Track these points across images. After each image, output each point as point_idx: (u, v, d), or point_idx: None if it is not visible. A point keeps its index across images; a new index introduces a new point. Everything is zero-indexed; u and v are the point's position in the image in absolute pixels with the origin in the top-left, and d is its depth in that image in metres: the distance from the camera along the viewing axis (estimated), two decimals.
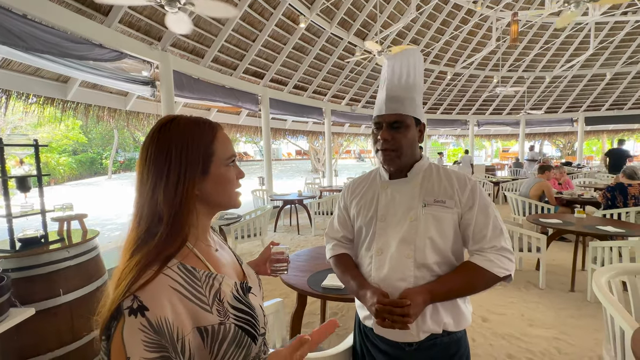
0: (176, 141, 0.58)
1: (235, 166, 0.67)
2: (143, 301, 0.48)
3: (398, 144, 0.90)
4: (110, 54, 3.72)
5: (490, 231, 0.89)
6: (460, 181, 0.93)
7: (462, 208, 0.91)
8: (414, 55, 0.93)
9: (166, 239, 0.55)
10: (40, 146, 1.86)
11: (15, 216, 1.77)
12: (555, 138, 18.18)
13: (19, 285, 1.68)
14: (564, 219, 3.41)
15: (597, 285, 1.56)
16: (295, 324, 1.85)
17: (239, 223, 3.87)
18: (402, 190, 0.95)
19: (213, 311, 0.56)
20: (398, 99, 0.89)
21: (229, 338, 0.57)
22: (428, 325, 0.89)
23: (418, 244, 0.89)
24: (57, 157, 16.93)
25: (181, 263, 0.56)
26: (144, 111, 5.41)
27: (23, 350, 1.72)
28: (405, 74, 0.91)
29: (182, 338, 0.51)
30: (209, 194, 0.62)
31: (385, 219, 0.94)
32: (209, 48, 5.28)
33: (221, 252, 0.70)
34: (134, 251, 0.54)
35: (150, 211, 0.56)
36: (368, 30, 7.70)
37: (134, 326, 0.47)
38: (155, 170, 0.56)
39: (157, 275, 0.51)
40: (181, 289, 0.53)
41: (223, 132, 0.66)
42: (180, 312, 0.51)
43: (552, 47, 10.22)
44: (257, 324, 0.62)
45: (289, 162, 30.39)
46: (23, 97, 3.93)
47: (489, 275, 0.87)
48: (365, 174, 1.09)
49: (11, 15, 2.78)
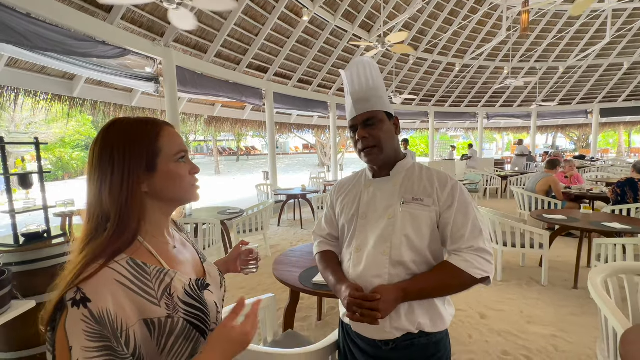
0: (118, 141, 0.60)
1: (188, 161, 0.68)
2: (86, 293, 0.50)
3: (377, 139, 0.92)
4: (114, 51, 3.77)
5: (468, 231, 0.88)
6: (440, 180, 0.93)
7: (440, 207, 0.90)
8: (365, 63, 0.97)
9: (113, 235, 0.57)
10: (40, 144, 1.91)
11: (18, 212, 1.83)
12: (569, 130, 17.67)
13: (22, 278, 1.75)
14: (569, 214, 3.33)
15: (593, 284, 1.53)
16: (288, 319, 1.88)
17: (240, 217, 3.91)
18: (384, 189, 0.97)
19: (161, 305, 0.58)
20: (364, 99, 0.93)
21: (176, 331, 0.59)
22: (402, 323, 0.89)
23: (394, 242, 0.90)
24: (70, 152, 17.36)
25: (131, 258, 0.58)
26: (149, 107, 5.48)
27: (28, 341, 1.80)
28: (364, 78, 0.94)
29: (126, 330, 0.53)
30: (160, 190, 0.63)
31: (366, 217, 0.96)
32: (211, 43, 5.29)
33: (180, 249, 0.72)
34: (84, 247, 0.57)
35: (97, 209, 0.59)
36: (373, 22, 7.57)
37: (76, 317, 0.49)
38: (100, 171, 0.59)
39: (102, 269, 0.53)
40: (127, 282, 0.55)
41: (170, 129, 0.66)
42: (124, 304, 0.53)
43: (566, 36, 9.85)
44: (207, 319, 0.64)
45: (296, 156, 30.44)
46: (32, 95, 4.04)
47: (465, 276, 0.86)
48: (353, 174, 1.11)
49: (15, 14, 2.83)
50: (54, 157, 16.14)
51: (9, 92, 3.78)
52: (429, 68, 9.95)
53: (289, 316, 1.88)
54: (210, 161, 21.90)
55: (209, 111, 6.85)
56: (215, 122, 7.24)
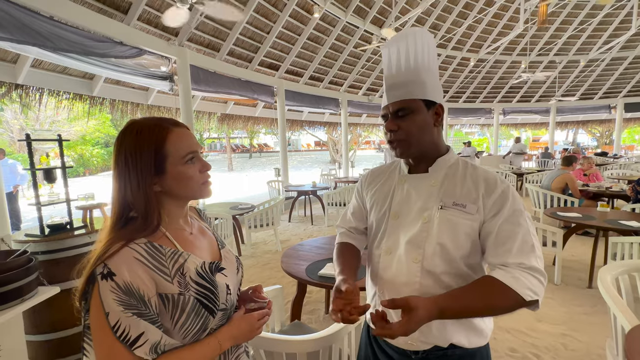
0: (129, 146, 0.67)
1: (199, 160, 0.73)
2: (111, 268, 0.59)
3: (406, 132, 0.80)
4: (131, 51, 3.90)
5: (517, 245, 0.73)
6: (488, 183, 0.79)
7: (485, 215, 0.77)
8: (413, 36, 0.81)
9: (139, 226, 0.66)
10: (63, 141, 2.02)
11: (44, 204, 1.95)
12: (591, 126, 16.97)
13: (47, 266, 1.87)
14: (585, 212, 3.24)
15: (602, 282, 1.52)
16: (295, 310, 1.93)
17: (251, 213, 4.00)
18: (420, 187, 0.85)
19: (174, 282, 0.66)
20: (400, 85, 0.80)
21: (187, 308, 0.66)
22: (433, 337, 0.80)
23: (427, 250, 0.79)
24: (90, 149, 18.01)
25: (149, 241, 0.66)
26: (164, 105, 5.64)
27: (54, 324, 1.92)
28: (404, 58, 0.81)
29: (148, 299, 0.62)
30: (172, 189, 0.70)
31: (398, 217, 0.86)
32: (224, 42, 5.38)
33: (197, 235, 0.79)
34: (109, 233, 0.66)
35: (121, 203, 0.68)
36: (385, 17, 7.49)
37: (106, 288, 0.58)
38: (120, 171, 0.67)
39: (122, 248, 0.62)
40: (144, 260, 0.64)
41: (178, 131, 0.70)
42: (144, 278, 0.62)
43: (588, 27, 9.46)
44: (216, 299, 0.71)
45: (308, 153, 30.53)
46: (55, 94, 4.23)
47: (513, 296, 0.70)
48: (385, 165, 0.99)
49: (39, 18, 2.98)
50: (76, 154, 16.79)
51: (34, 91, 3.98)
52: (442, 63, 9.77)
53: (296, 308, 1.94)
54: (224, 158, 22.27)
55: (221, 109, 6.98)
56: (228, 120, 7.38)
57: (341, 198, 5.27)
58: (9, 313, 1.39)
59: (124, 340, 0.58)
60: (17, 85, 3.75)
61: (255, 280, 3.25)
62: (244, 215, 3.98)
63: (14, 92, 3.81)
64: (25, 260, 1.52)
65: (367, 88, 9.26)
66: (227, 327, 0.73)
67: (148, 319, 0.61)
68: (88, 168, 17.69)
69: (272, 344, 1.12)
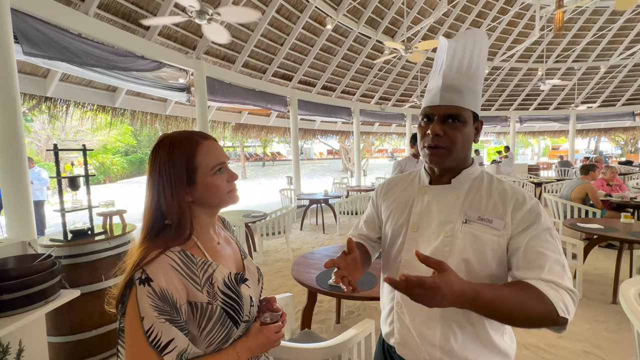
0: (163, 160, 0.71)
1: (226, 170, 0.76)
2: (149, 274, 0.63)
3: (451, 142, 0.75)
4: (151, 64, 4.09)
5: (549, 265, 0.68)
6: (516, 198, 0.74)
7: (512, 231, 0.72)
8: (480, 38, 0.75)
9: (173, 234, 0.70)
10: (87, 150, 2.13)
11: (67, 211, 2.05)
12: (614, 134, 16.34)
13: (69, 270, 1.95)
14: (608, 224, 3.11)
15: (624, 297, 1.45)
16: (306, 319, 1.93)
17: (264, 221, 4.05)
18: (442, 199, 0.80)
19: (203, 291, 0.68)
20: (457, 88, 0.74)
21: (214, 318, 0.69)
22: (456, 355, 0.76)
23: (450, 265, 0.70)
24: (111, 157, 18.71)
25: (182, 250, 0.69)
26: (181, 115, 5.84)
27: (73, 326, 2.00)
28: (467, 60, 0.75)
29: (180, 306, 0.65)
30: (202, 198, 0.74)
31: (417, 229, 0.81)
32: (239, 54, 5.55)
33: (223, 245, 0.81)
34: (144, 241, 0.69)
35: (155, 212, 0.71)
36: (397, 27, 7.55)
37: (143, 293, 0.61)
38: (154, 184, 0.71)
39: (160, 255, 0.65)
40: (178, 268, 0.67)
41: (207, 143, 0.74)
42: (177, 285, 0.65)
43: (608, 33, 9.21)
44: (241, 310, 0.73)
45: (320, 162, 30.63)
46: (80, 106, 4.47)
47: (548, 305, 0.63)
48: (403, 174, 0.96)
49: (69, 35, 3.18)
50: (97, 163, 17.48)
51: (62, 103, 4.22)
52: None
53: (307, 316, 1.94)
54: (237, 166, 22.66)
55: (236, 118, 7.15)
56: (242, 129, 7.54)
57: (353, 207, 5.26)
58: (34, 314, 1.46)
59: (155, 345, 0.60)
60: (46, 98, 3.99)
61: (266, 288, 3.27)
62: (256, 223, 4.03)
63: (44, 104, 4.05)
64: (50, 264, 1.59)
65: (379, 97, 9.29)
66: (245, 339, 0.74)
67: (178, 326, 0.63)
68: (108, 176, 18.36)
69: (282, 352, 1.13)
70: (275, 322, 0.79)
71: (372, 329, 1.32)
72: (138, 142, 22.19)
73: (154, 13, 4.08)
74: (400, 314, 0.82)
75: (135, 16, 3.96)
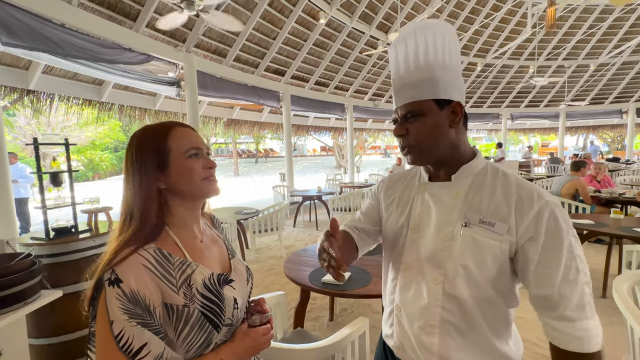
0: (134, 147, 0.68)
1: (203, 157, 0.72)
2: (119, 274, 0.58)
3: (414, 137, 0.72)
4: (139, 57, 3.97)
5: (575, 300, 0.62)
6: (524, 198, 0.66)
7: (518, 238, 0.65)
8: (423, 31, 0.71)
9: (137, 228, 0.65)
10: (70, 145, 2.04)
11: (49, 208, 1.96)
12: (602, 131, 16.69)
13: (51, 270, 1.87)
14: (598, 219, 3.15)
15: (618, 292, 1.46)
16: (299, 317, 1.90)
17: (256, 218, 3.99)
18: (441, 198, 0.75)
19: (180, 293, 0.63)
20: (408, 86, 0.72)
21: (191, 321, 0.64)
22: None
23: (449, 271, 0.69)
24: (100, 154, 18.33)
25: (158, 248, 0.64)
26: (171, 110, 5.72)
27: (56, 328, 1.92)
28: (412, 56, 0.72)
29: (153, 308, 0.60)
30: (175, 184, 0.69)
31: (418, 230, 0.76)
32: (230, 48, 5.44)
33: (208, 244, 0.76)
34: (117, 237, 0.65)
35: (126, 207, 0.67)
36: (391, 22, 7.51)
37: (112, 295, 0.57)
38: (127, 174, 0.68)
39: (131, 254, 0.60)
40: (152, 267, 0.62)
41: (180, 129, 0.71)
42: (150, 286, 0.61)
43: (598, 32, 9.34)
44: (222, 314, 0.68)
45: (313, 158, 30.59)
46: (65, 100, 4.32)
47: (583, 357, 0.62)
48: (405, 170, 0.91)
49: (51, 25, 3.05)
50: (85, 159, 17.11)
51: (45, 97, 4.07)
52: None
53: (299, 315, 1.90)
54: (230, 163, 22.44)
55: (228, 114, 7.04)
56: (234, 125, 7.43)
57: (347, 203, 5.23)
58: (12, 316, 1.38)
59: (127, 350, 0.56)
60: (28, 91, 3.84)
61: (259, 286, 3.23)
62: (248, 220, 3.97)
63: (26, 97, 3.89)
64: (29, 263, 1.52)
65: (372, 93, 9.26)
66: (230, 344, 0.70)
67: (152, 329, 0.59)
68: (97, 172, 17.99)
69: (273, 353, 1.09)
70: (264, 324, 0.74)
71: (366, 328, 1.29)
72: (128, 138, 21.83)
73: (141, 4, 3.96)
74: (400, 318, 0.78)
75: (121, 6, 3.83)
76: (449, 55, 0.72)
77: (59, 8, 3.10)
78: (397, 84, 0.75)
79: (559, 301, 0.63)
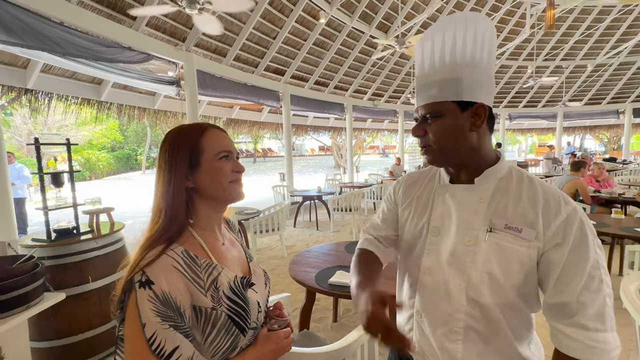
0: (168, 146, 0.68)
1: (233, 160, 0.72)
2: (150, 276, 0.57)
3: (433, 140, 0.70)
4: (138, 56, 3.93)
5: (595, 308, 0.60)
6: (550, 203, 0.64)
7: (545, 243, 0.63)
8: (454, 25, 0.67)
9: (164, 224, 0.64)
10: (71, 145, 2.01)
11: (51, 209, 1.93)
12: (599, 132, 16.80)
13: (54, 272, 1.84)
14: (599, 219, 3.16)
15: (626, 294, 1.45)
16: (304, 319, 1.88)
17: (257, 218, 3.97)
18: (464, 201, 0.72)
19: (208, 296, 0.63)
20: (430, 86, 0.69)
21: (218, 324, 0.63)
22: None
23: (472, 277, 0.67)
24: (97, 153, 18.19)
25: (185, 250, 0.64)
26: (171, 109, 5.68)
27: (58, 331, 1.89)
28: (439, 53, 0.68)
29: (184, 310, 0.59)
30: (204, 185, 0.69)
31: (438, 233, 0.74)
32: (230, 47, 5.41)
33: (228, 246, 0.76)
34: (147, 239, 0.64)
35: (157, 207, 0.67)
36: (390, 22, 7.51)
37: (143, 297, 0.56)
38: (157, 173, 0.69)
39: (161, 255, 0.60)
40: (181, 269, 0.61)
41: (214, 130, 0.71)
42: (181, 288, 0.60)
43: (596, 32, 9.39)
44: (247, 317, 0.67)
45: (312, 158, 30.56)
46: (63, 99, 4.27)
47: None
48: (424, 169, 0.88)
49: (50, 24, 3.01)
50: (82, 159, 16.97)
51: (43, 96, 4.02)
52: None
53: (305, 316, 1.89)
54: None
55: (227, 113, 7.00)
56: (234, 124, 7.40)
57: (347, 203, 5.22)
58: (15, 319, 1.36)
59: (159, 354, 0.55)
60: (26, 90, 3.79)
61: None
62: (249, 220, 3.95)
63: (24, 96, 3.84)
64: (32, 265, 1.49)
65: (372, 93, 9.26)
66: (253, 348, 0.70)
67: (183, 332, 0.58)
68: (94, 172, 17.85)
69: (284, 357, 1.08)
70: (284, 327, 0.74)
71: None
72: (125, 138, 21.65)
73: (141, 2, 3.92)
74: (420, 323, 0.76)
75: (121, 5, 3.79)
76: (481, 53, 0.67)
77: (58, 6, 3.06)
78: (419, 82, 0.72)
79: (577, 309, 0.61)
